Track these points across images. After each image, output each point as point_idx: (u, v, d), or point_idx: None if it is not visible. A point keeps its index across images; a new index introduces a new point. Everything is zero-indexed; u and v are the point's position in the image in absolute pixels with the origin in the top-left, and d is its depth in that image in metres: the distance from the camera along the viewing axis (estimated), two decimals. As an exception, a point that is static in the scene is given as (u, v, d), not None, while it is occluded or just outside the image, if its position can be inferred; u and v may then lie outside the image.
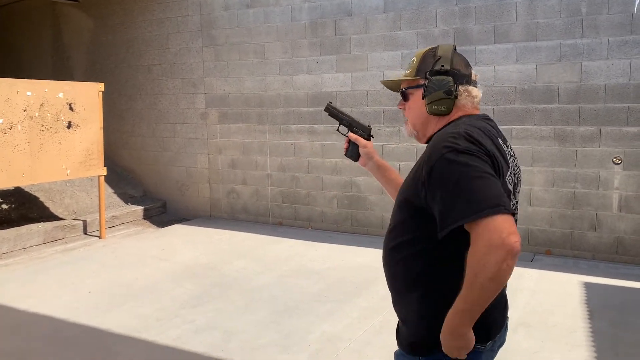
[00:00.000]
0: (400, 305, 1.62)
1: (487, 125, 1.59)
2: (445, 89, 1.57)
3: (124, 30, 8.26)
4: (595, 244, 5.44)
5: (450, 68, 1.59)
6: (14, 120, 5.67)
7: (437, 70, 1.59)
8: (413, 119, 1.69)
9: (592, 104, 5.33)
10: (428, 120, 1.65)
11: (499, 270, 1.29)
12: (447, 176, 1.39)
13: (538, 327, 3.89)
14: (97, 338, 3.82)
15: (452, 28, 5.87)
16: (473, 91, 1.63)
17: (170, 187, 8.15)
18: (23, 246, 6.24)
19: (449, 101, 1.58)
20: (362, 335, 3.80)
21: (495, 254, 1.28)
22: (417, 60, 1.67)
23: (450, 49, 1.62)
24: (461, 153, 1.39)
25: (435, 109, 1.59)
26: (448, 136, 1.46)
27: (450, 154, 1.40)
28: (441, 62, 1.60)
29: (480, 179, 1.35)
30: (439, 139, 1.48)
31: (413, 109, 1.68)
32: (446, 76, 1.58)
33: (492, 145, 1.48)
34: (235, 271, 5.28)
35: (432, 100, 1.59)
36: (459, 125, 1.52)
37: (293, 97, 6.93)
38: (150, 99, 8.15)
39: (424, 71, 1.63)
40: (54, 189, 7.48)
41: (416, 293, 1.54)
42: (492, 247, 1.28)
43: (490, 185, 1.35)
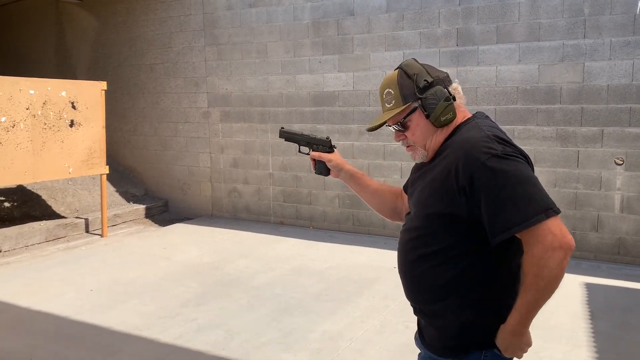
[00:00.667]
0: (431, 312, 1.62)
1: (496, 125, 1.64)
2: (444, 97, 1.58)
3: (127, 29, 8.28)
4: (597, 245, 5.44)
5: (432, 78, 1.60)
6: (17, 118, 5.69)
7: (425, 87, 1.58)
8: (421, 140, 1.64)
9: (595, 104, 5.33)
10: (435, 134, 1.63)
11: (560, 270, 1.36)
12: (493, 183, 1.41)
13: (539, 327, 3.88)
14: (99, 335, 3.83)
15: (454, 28, 5.87)
16: (458, 88, 1.65)
17: (172, 186, 8.16)
18: (25, 244, 6.25)
19: (452, 106, 1.59)
20: (363, 335, 3.81)
21: (555, 256, 1.35)
22: (395, 89, 1.62)
23: (416, 63, 1.64)
24: (501, 158, 1.41)
25: (445, 119, 1.59)
26: (479, 142, 1.46)
27: (490, 161, 1.41)
28: (422, 77, 1.59)
29: (526, 184, 1.40)
30: (469, 146, 1.47)
31: (418, 132, 1.63)
32: (435, 87, 1.59)
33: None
34: (237, 270, 5.29)
35: (438, 112, 1.58)
36: (477, 128, 1.54)
37: (295, 96, 6.94)
38: (152, 98, 8.16)
39: (410, 94, 1.60)
40: (56, 187, 7.50)
41: (452, 299, 1.55)
42: (551, 249, 1.35)
43: (535, 188, 1.40)
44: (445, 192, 1.51)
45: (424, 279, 1.61)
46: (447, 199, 1.50)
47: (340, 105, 6.63)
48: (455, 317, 1.54)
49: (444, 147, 1.60)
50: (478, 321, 1.52)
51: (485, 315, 1.52)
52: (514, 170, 1.40)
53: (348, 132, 6.61)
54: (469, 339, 1.54)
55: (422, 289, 1.62)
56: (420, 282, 1.62)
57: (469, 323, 1.53)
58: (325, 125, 6.74)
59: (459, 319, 1.54)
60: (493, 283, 1.51)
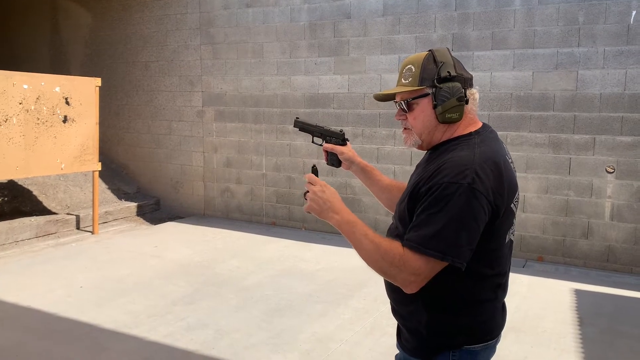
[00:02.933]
0: (402, 314, 1.65)
1: (498, 147, 1.58)
2: (457, 95, 1.53)
3: (122, 26, 8.25)
4: (586, 252, 5.48)
5: (456, 73, 1.55)
6: (10, 113, 5.65)
7: (444, 77, 1.54)
8: (420, 129, 1.62)
9: (587, 112, 5.37)
10: (436, 129, 1.60)
11: (385, 274, 1.49)
12: (436, 201, 1.43)
13: (528, 333, 3.91)
14: (87, 333, 3.81)
15: (450, 33, 5.90)
16: (475, 94, 1.61)
17: (165, 184, 8.14)
18: (15, 240, 6.21)
19: (461, 107, 1.55)
20: (353, 336, 3.81)
21: (399, 281, 1.46)
22: (417, 68, 1.58)
23: (448, 53, 1.59)
24: (460, 189, 1.41)
25: (449, 117, 1.55)
26: (460, 166, 1.45)
27: (452, 186, 1.42)
28: (446, 68, 1.55)
29: (456, 223, 1.41)
30: (451, 164, 1.47)
31: (419, 118, 1.60)
32: (455, 82, 1.54)
33: (500, 181, 1.48)
34: (228, 270, 5.28)
35: (445, 108, 1.54)
36: (471, 151, 1.50)
37: (290, 97, 6.94)
38: (146, 96, 8.14)
39: (428, 79, 1.56)
40: (47, 183, 7.45)
41: (419, 302, 1.56)
42: (406, 281, 1.45)
43: (456, 233, 1.41)
44: (415, 197, 1.53)
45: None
46: (413, 204, 1.53)
47: (334, 108, 6.64)
48: (424, 318, 1.56)
49: (440, 150, 1.58)
50: (446, 322, 1.55)
51: (453, 316, 1.54)
52: (459, 206, 1.40)
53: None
54: (437, 340, 1.56)
55: (395, 289, 1.63)
56: (391, 284, 1.64)
57: (437, 324, 1.55)
58: (320, 127, 6.73)
59: (427, 320, 1.55)
60: (459, 286, 1.52)
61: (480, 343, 1.56)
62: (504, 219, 1.51)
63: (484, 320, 1.56)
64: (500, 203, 1.47)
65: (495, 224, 1.49)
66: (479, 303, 1.55)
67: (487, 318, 1.57)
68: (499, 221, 1.49)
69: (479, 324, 1.56)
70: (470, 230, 1.42)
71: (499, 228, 1.51)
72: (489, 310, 1.57)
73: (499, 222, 1.50)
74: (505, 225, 1.54)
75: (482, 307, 1.56)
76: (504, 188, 1.49)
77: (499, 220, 1.49)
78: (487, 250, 1.51)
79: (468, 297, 1.54)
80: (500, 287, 1.60)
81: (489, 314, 1.57)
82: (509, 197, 1.51)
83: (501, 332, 1.65)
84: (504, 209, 1.49)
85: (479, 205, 1.42)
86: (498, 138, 1.65)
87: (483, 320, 1.56)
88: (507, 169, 1.54)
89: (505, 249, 1.58)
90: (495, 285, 1.57)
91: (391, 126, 6.30)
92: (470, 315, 1.54)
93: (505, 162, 1.55)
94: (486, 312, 1.57)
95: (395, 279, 1.47)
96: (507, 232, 1.56)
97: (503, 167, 1.52)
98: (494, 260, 1.54)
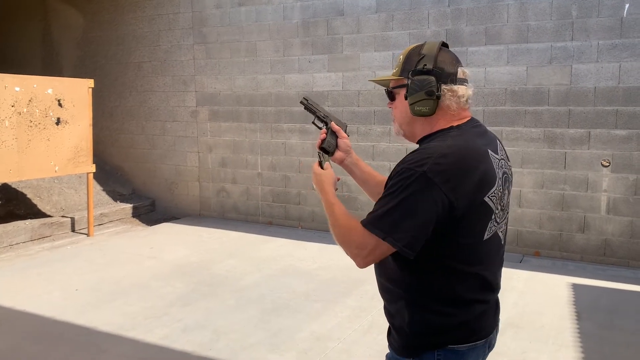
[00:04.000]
0: (389, 311, 1.64)
1: (478, 140, 1.55)
2: (426, 89, 1.52)
3: (114, 26, 8.20)
4: (583, 246, 5.48)
5: (433, 67, 1.53)
6: (2, 115, 5.61)
7: (419, 70, 1.54)
8: (399, 119, 1.66)
9: (582, 106, 5.37)
10: (414, 121, 1.60)
11: (339, 244, 1.58)
12: (393, 185, 1.45)
13: (526, 328, 3.91)
14: (83, 336, 3.78)
15: (443, 29, 5.89)
16: (459, 90, 1.55)
17: (160, 185, 8.10)
18: (9, 243, 6.17)
19: (431, 102, 1.53)
20: (351, 335, 3.80)
21: (349, 252, 1.53)
22: (403, 58, 1.62)
23: (436, 47, 1.57)
24: (416, 174, 1.41)
25: (417, 110, 1.55)
26: (427, 152, 1.45)
27: (409, 170, 1.43)
28: (424, 61, 1.54)
29: (404, 205, 1.41)
30: (415, 154, 1.47)
31: (399, 108, 1.64)
32: (428, 76, 1.53)
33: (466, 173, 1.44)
34: (225, 270, 5.25)
35: (414, 101, 1.55)
36: (442, 142, 1.49)
37: (284, 96, 6.92)
38: (140, 97, 8.09)
39: (408, 70, 1.58)
40: (42, 185, 7.41)
41: (402, 301, 1.56)
42: (353, 253, 1.51)
43: (401, 215, 1.41)
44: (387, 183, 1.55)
45: (383, 279, 1.63)
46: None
47: (329, 105, 6.62)
48: (407, 317, 1.54)
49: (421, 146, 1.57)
50: (428, 321, 1.52)
51: (435, 315, 1.52)
52: (410, 192, 1.41)
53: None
54: (421, 339, 1.54)
55: (385, 288, 1.63)
56: (380, 282, 1.65)
57: (420, 323, 1.53)
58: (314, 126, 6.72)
59: (410, 319, 1.54)
60: (438, 284, 1.50)
61: (466, 343, 1.52)
62: (474, 213, 1.46)
63: (467, 320, 1.52)
64: (461, 196, 1.42)
65: (463, 218, 1.44)
66: (463, 302, 1.51)
67: (471, 318, 1.52)
68: (466, 215, 1.44)
69: (462, 323, 1.52)
70: (417, 218, 1.40)
71: (469, 222, 1.46)
72: (474, 310, 1.53)
73: (468, 216, 1.45)
74: (479, 220, 1.49)
75: (466, 307, 1.51)
76: (471, 181, 1.44)
77: (467, 214, 1.44)
78: (460, 246, 1.48)
79: (449, 296, 1.50)
80: (486, 286, 1.56)
81: (473, 314, 1.53)
82: (479, 191, 1.46)
83: (492, 333, 1.61)
84: (469, 202, 1.43)
85: (431, 195, 1.39)
86: (485, 132, 1.62)
87: (467, 320, 1.52)
88: (483, 162, 1.49)
89: (486, 245, 1.52)
90: (479, 284, 1.53)
91: (386, 123, 6.28)
92: (453, 315, 1.51)
93: (483, 155, 1.51)
94: (470, 311, 1.52)
95: (347, 252, 1.54)
96: (485, 228, 1.51)
97: (476, 160, 1.48)
98: (470, 256, 1.50)
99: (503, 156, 1.63)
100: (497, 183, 1.53)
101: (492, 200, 1.51)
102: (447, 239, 1.46)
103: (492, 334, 1.62)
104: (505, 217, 1.62)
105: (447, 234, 1.45)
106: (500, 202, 1.56)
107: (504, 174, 1.60)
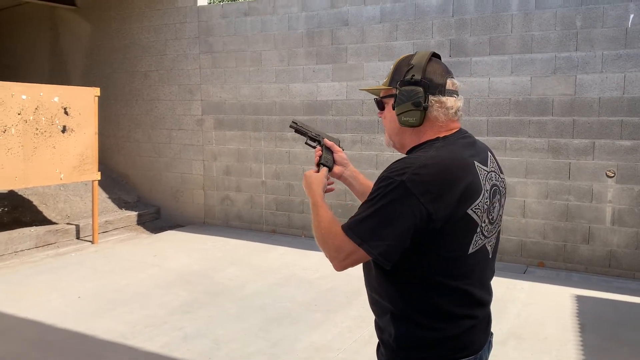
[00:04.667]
0: (379, 326, 1.62)
1: (465, 151, 1.52)
2: (413, 100, 1.52)
3: (122, 36, 8.28)
4: (588, 257, 5.44)
5: (421, 78, 1.52)
6: (8, 123, 5.66)
7: (407, 81, 1.54)
8: (387, 129, 1.66)
9: (586, 116, 5.35)
10: (402, 131, 1.60)
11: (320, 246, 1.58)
12: (372, 192, 1.45)
13: (528, 339, 3.87)
14: (83, 343, 3.79)
15: (447, 39, 5.90)
16: (447, 102, 1.54)
17: (165, 193, 8.13)
18: (14, 250, 6.21)
19: (418, 113, 1.52)
20: (351, 345, 3.78)
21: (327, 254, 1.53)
22: (393, 68, 1.62)
23: (426, 57, 1.56)
24: (394, 182, 1.40)
25: (404, 121, 1.55)
26: (408, 161, 1.45)
27: (387, 180, 1.42)
28: (412, 72, 1.54)
29: (382, 213, 1.41)
30: (397, 163, 1.47)
31: (387, 118, 1.64)
32: (416, 86, 1.52)
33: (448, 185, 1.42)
34: (227, 279, 5.25)
35: (401, 111, 1.55)
36: (426, 153, 1.48)
37: (289, 105, 6.94)
38: (146, 105, 8.15)
39: (397, 80, 1.58)
40: (47, 193, 7.46)
41: (389, 314, 1.53)
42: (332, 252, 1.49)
43: (379, 222, 1.41)
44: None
45: (372, 292, 1.62)
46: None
47: (333, 114, 6.64)
48: (393, 331, 1.52)
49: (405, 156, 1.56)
50: (412, 336, 1.49)
51: (420, 330, 1.49)
52: (388, 201, 1.40)
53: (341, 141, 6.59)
54: (406, 354, 1.51)
55: (372, 301, 1.62)
56: (370, 296, 1.63)
57: (404, 338, 1.50)
58: (319, 134, 6.73)
59: (395, 333, 1.51)
60: (421, 298, 1.48)
61: (454, 359, 1.49)
62: (456, 226, 1.43)
63: (455, 334, 1.48)
64: (440, 208, 1.40)
65: (444, 230, 1.41)
66: (448, 316, 1.48)
67: (457, 333, 1.48)
68: (447, 227, 1.41)
69: (448, 339, 1.48)
70: (393, 227, 1.39)
71: (451, 235, 1.43)
72: (461, 325, 1.49)
73: (449, 229, 1.42)
74: (462, 233, 1.46)
75: (452, 321, 1.48)
76: (452, 193, 1.41)
77: (447, 226, 1.41)
78: (442, 259, 1.45)
79: (433, 310, 1.47)
80: (473, 301, 1.52)
81: (461, 328, 1.49)
82: (461, 203, 1.43)
83: (482, 350, 1.57)
84: (449, 214, 1.41)
85: (408, 205, 1.38)
86: (473, 143, 1.59)
87: (453, 335, 1.48)
88: (467, 174, 1.46)
89: (471, 259, 1.49)
90: (464, 298, 1.50)
91: (390, 133, 6.27)
92: (439, 329, 1.47)
93: (467, 166, 1.48)
94: (457, 326, 1.49)
95: (326, 254, 1.54)
96: (469, 241, 1.47)
97: (460, 171, 1.46)
98: (454, 270, 1.47)
99: (494, 168, 1.60)
100: (483, 195, 1.49)
101: (476, 213, 1.47)
102: (428, 251, 1.44)
103: (483, 350, 1.58)
104: (495, 231, 1.59)
105: (427, 246, 1.43)
106: (488, 215, 1.52)
107: (494, 186, 1.56)
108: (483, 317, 1.59)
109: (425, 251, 1.44)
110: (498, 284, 5.04)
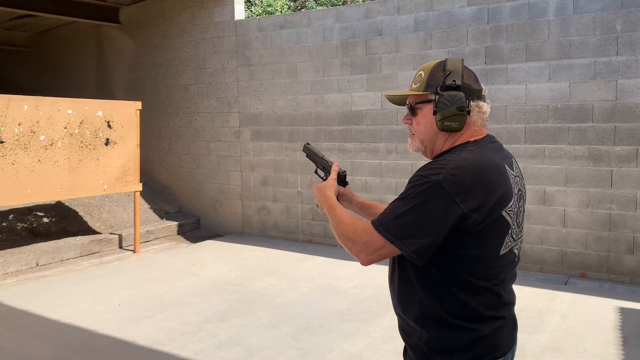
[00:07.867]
0: (405, 330, 1.63)
1: (495, 155, 1.55)
2: (458, 104, 1.53)
3: (163, 51, 8.55)
4: (633, 268, 5.23)
5: (461, 83, 1.55)
6: (55, 137, 5.92)
7: (448, 85, 1.55)
8: (421, 135, 1.66)
9: (629, 122, 5.18)
10: (437, 137, 1.62)
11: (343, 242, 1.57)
12: (407, 190, 1.47)
13: (567, 353, 3.76)
14: (121, 349, 3.91)
15: (483, 47, 5.83)
16: (483, 107, 1.59)
17: (204, 203, 8.30)
18: (61, 258, 6.46)
19: (462, 117, 1.55)
20: (383, 356, 3.76)
21: (353, 250, 1.53)
22: (426, 74, 1.62)
23: (460, 63, 1.59)
24: (429, 181, 1.43)
25: (447, 125, 1.56)
26: (441, 163, 1.48)
27: (423, 179, 1.44)
28: (452, 77, 1.55)
29: (417, 212, 1.42)
30: (432, 164, 1.50)
31: (422, 124, 1.64)
32: (458, 91, 1.54)
33: (482, 186, 1.45)
34: (262, 287, 5.31)
35: (444, 116, 1.55)
36: (459, 155, 1.51)
37: (324, 115, 7.00)
38: (186, 118, 8.37)
39: (434, 86, 1.58)
40: (92, 203, 7.73)
41: (418, 316, 1.55)
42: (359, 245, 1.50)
43: (414, 220, 1.43)
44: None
45: (397, 295, 1.63)
46: None
47: (368, 124, 6.65)
48: (424, 335, 1.53)
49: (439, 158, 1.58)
50: (444, 338, 1.51)
51: (451, 332, 1.50)
52: (423, 199, 1.42)
53: (376, 151, 6.61)
54: (437, 357, 1.52)
55: (397, 305, 1.63)
56: (395, 299, 1.65)
57: (436, 341, 1.52)
58: (353, 144, 6.76)
59: (427, 336, 1.52)
60: (453, 299, 1.49)
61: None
62: (490, 227, 1.46)
63: (484, 336, 1.50)
64: (475, 208, 1.42)
65: (478, 231, 1.44)
66: (478, 317, 1.50)
67: (487, 334, 1.51)
68: (481, 228, 1.44)
69: (478, 340, 1.50)
70: (428, 226, 1.41)
71: (484, 236, 1.46)
72: (490, 325, 1.51)
73: (483, 230, 1.45)
74: (495, 235, 1.49)
75: (482, 323, 1.50)
76: (486, 194, 1.45)
77: (481, 227, 1.44)
78: (474, 258, 1.47)
79: (464, 310, 1.49)
80: (502, 302, 1.54)
81: (490, 329, 1.51)
82: (497, 204, 1.46)
83: (510, 350, 1.58)
84: (484, 215, 1.44)
85: (443, 205, 1.41)
86: (501, 148, 1.63)
87: (483, 336, 1.50)
88: (500, 176, 1.50)
89: (501, 260, 1.52)
90: (494, 299, 1.52)
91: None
92: (469, 331, 1.49)
93: (499, 170, 1.52)
94: (486, 327, 1.51)
95: (352, 248, 1.54)
96: (501, 242, 1.50)
97: (492, 174, 1.49)
98: (483, 270, 1.49)
99: (518, 173, 1.63)
100: (514, 198, 1.53)
101: (509, 215, 1.51)
102: (460, 251, 1.46)
103: (510, 351, 1.59)
104: (520, 235, 1.62)
105: (459, 246, 1.45)
106: (517, 218, 1.56)
107: (519, 190, 1.60)
108: (511, 318, 1.61)
109: (457, 251, 1.46)
110: (537, 295, 4.93)
